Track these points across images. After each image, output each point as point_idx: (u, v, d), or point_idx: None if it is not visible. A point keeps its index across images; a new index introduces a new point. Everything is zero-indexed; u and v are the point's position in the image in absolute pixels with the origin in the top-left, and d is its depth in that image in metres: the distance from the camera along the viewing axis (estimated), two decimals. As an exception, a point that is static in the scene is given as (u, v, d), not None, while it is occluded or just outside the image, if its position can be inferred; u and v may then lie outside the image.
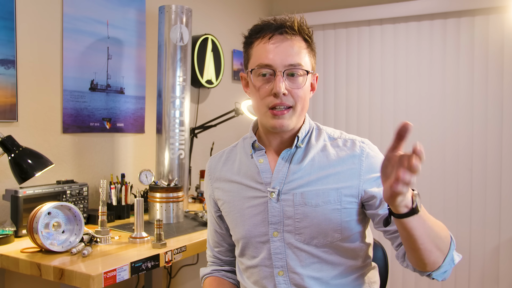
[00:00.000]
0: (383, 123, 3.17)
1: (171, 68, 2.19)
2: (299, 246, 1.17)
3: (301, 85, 1.14)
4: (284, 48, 1.13)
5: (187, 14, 2.22)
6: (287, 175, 1.19)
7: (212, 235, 1.40)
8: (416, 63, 3.06)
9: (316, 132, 1.25)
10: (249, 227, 1.21)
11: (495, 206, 2.87)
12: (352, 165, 1.17)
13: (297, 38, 1.15)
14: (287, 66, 1.12)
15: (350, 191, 1.16)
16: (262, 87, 1.15)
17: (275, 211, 1.18)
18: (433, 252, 1.05)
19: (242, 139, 1.33)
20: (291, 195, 1.17)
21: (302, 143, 1.21)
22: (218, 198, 1.31)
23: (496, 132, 2.85)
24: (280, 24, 1.14)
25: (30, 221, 1.50)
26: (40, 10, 1.95)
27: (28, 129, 1.92)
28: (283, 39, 1.13)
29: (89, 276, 1.31)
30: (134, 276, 1.52)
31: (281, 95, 1.12)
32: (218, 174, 1.32)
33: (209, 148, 2.89)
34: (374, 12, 3.12)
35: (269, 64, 1.13)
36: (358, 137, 1.24)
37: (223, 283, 1.36)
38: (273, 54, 1.12)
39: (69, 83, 2.07)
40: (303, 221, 1.16)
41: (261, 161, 1.22)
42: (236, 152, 1.32)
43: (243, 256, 1.27)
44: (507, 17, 2.78)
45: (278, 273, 1.19)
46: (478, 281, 2.92)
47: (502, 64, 2.82)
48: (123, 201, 2.09)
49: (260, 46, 1.15)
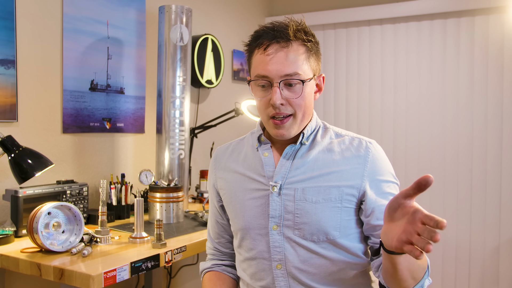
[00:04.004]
0: (383, 123, 3.17)
1: (171, 68, 2.19)
2: (297, 240, 1.17)
3: (299, 94, 1.15)
4: (279, 59, 1.13)
5: (187, 14, 2.22)
6: (289, 170, 1.20)
7: (213, 226, 1.40)
8: (416, 63, 3.06)
9: (323, 130, 1.26)
10: (249, 219, 1.22)
11: (495, 206, 2.87)
12: (356, 165, 1.18)
13: (294, 45, 1.14)
14: (283, 77, 1.13)
15: (352, 190, 1.17)
16: (261, 98, 1.16)
17: (276, 205, 1.19)
18: (408, 281, 1.06)
19: (250, 133, 1.34)
20: (292, 190, 1.18)
21: (307, 140, 1.22)
22: (220, 188, 1.32)
23: (496, 132, 2.85)
24: (277, 31, 1.14)
25: (30, 221, 1.50)
26: (40, 10, 1.95)
27: (28, 129, 1.92)
28: (278, 49, 1.13)
29: (89, 276, 1.31)
30: (134, 276, 1.52)
31: (278, 105, 1.13)
32: (223, 164, 1.33)
33: (209, 148, 2.89)
34: (374, 12, 3.12)
35: (265, 75, 1.14)
36: (365, 137, 1.24)
37: (223, 278, 1.36)
38: (269, 65, 1.13)
39: (69, 83, 2.07)
40: (303, 216, 1.16)
41: (265, 155, 1.24)
42: (243, 145, 1.33)
43: (241, 247, 1.27)
44: (507, 17, 2.78)
45: (276, 266, 1.19)
46: (478, 281, 2.92)
47: (502, 64, 2.82)
48: (123, 201, 2.09)
49: (257, 56, 1.16)
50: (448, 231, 2.95)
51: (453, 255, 2.96)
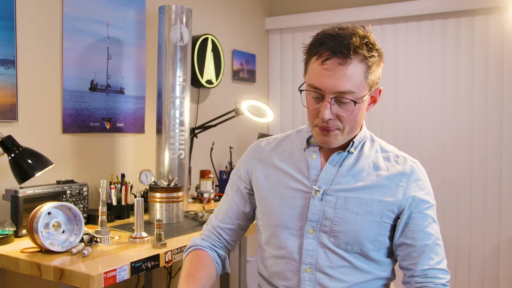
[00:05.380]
0: (383, 123, 3.17)
1: (171, 68, 2.19)
2: (331, 247, 1.18)
3: (350, 112, 1.14)
4: (335, 75, 1.09)
5: (187, 14, 2.22)
6: (335, 177, 1.20)
7: (226, 209, 1.35)
8: (416, 63, 3.06)
9: (370, 142, 1.27)
10: (286, 217, 1.22)
11: (495, 206, 2.87)
12: (400, 182, 1.19)
13: (354, 62, 1.10)
14: (336, 93, 1.11)
15: (392, 207, 1.18)
16: (312, 107, 1.16)
17: (316, 209, 1.19)
18: None
19: (296, 131, 1.34)
20: (334, 198, 1.18)
21: (355, 149, 1.23)
22: (256, 179, 1.30)
23: (496, 132, 2.85)
24: (339, 43, 1.09)
25: (30, 221, 1.50)
26: (40, 10, 1.95)
27: (28, 129, 1.92)
28: (336, 65, 1.09)
29: (89, 276, 1.31)
30: (134, 276, 1.52)
31: (327, 120, 1.13)
32: (264, 156, 1.32)
33: (209, 148, 2.89)
34: (374, 12, 3.12)
35: (319, 88, 1.12)
36: (409, 156, 1.26)
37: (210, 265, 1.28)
38: (325, 78, 1.10)
39: (69, 83, 2.07)
40: (341, 225, 1.17)
41: (313, 157, 1.24)
42: (288, 142, 1.32)
43: (269, 243, 1.26)
44: (507, 17, 2.78)
45: (305, 269, 1.19)
46: (478, 281, 2.92)
47: (502, 64, 2.82)
48: (123, 201, 2.09)
49: (314, 65, 1.13)
50: (448, 231, 2.95)
51: (453, 255, 2.95)
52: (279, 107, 3.52)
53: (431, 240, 1.18)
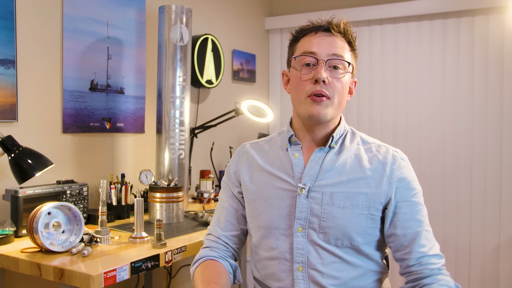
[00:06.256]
0: (383, 123, 3.17)
1: (171, 68, 2.19)
2: (321, 244, 1.18)
3: (341, 76, 1.19)
4: (328, 41, 1.19)
5: (187, 14, 2.22)
6: (318, 173, 1.20)
7: (226, 216, 1.34)
8: (416, 63, 3.06)
9: (351, 135, 1.28)
10: (275, 218, 1.22)
11: (495, 206, 2.87)
12: (383, 172, 1.20)
13: (342, 38, 1.21)
14: (330, 56, 1.18)
15: (379, 198, 1.18)
16: (304, 74, 1.19)
17: (303, 207, 1.19)
18: None
19: (278, 133, 1.36)
20: (320, 194, 1.19)
21: (336, 144, 1.23)
22: (243, 181, 1.31)
23: (496, 132, 2.85)
24: (327, 22, 1.22)
25: (30, 221, 1.50)
26: (40, 10, 1.95)
27: (28, 129, 1.92)
28: (328, 35, 1.20)
29: (89, 276, 1.31)
30: (134, 276, 1.52)
31: (321, 82, 1.16)
32: (250, 159, 1.33)
33: (209, 148, 2.89)
34: (374, 12, 3.12)
35: (313, 52, 1.18)
36: (391, 146, 1.27)
37: (226, 273, 1.26)
38: (319, 44, 1.19)
39: (69, 83, 2.07)
40: (329, 221, 1.17)
41: (295, 156, 1.24)
42: (271, 144, 1.34)
43: (260, 246, 1.26)
44: (507, 17, 2.78)
45: (298, 268, 1.19)
46: (478, 281, 2.92)
47: (502, 64, 2.82)
48: (123, 201, 2.09)
49: (305, 39, 1.22)
50: (448, 231, 2.95)
51: (453, 255, 2.96)
52: (279, 107, 3.52)
53: (421, 227, 1.18)
